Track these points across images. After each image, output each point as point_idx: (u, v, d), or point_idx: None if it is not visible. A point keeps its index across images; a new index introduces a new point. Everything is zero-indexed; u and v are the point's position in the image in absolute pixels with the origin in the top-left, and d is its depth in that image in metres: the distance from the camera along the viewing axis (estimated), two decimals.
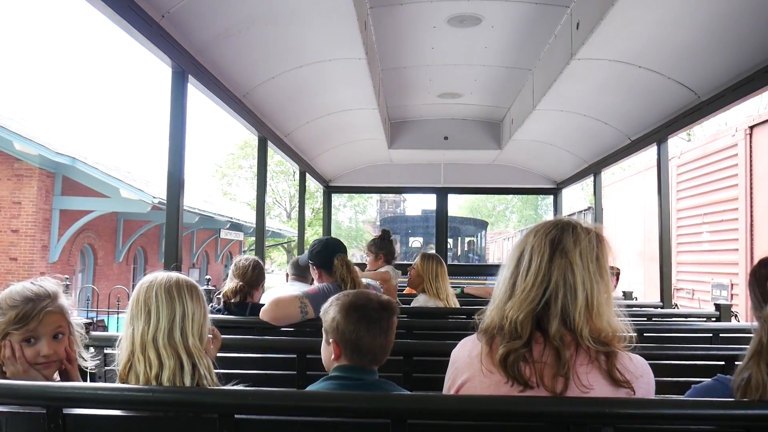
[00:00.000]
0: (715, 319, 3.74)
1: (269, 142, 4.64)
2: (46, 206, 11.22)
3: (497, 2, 3.51)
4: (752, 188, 6.00)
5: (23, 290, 1.55)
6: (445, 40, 4.07)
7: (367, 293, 1.75)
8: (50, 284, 1.60)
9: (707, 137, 7.56)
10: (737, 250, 6.18)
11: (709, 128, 15.97)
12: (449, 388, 1.42)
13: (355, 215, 37.05)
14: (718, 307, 3.78)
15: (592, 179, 6.12)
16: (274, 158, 21.58)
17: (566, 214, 8.61)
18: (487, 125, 6.33)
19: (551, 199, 7.56)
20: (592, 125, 4.83)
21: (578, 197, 29.99)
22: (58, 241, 11.36)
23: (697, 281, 7.21)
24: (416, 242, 18.51)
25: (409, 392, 1.79)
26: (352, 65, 3.70)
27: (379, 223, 33.38)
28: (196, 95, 3.25)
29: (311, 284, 3.22)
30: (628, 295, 5.30)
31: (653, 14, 2.79)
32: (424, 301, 3.91)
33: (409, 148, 6.42)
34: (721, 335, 3.00)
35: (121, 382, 1.48)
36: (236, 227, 18.31)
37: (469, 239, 17.78)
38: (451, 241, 16.25)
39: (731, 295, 6.23)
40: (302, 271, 3.59)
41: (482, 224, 18.91)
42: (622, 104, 4.28)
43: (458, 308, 3.94)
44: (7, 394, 1.35)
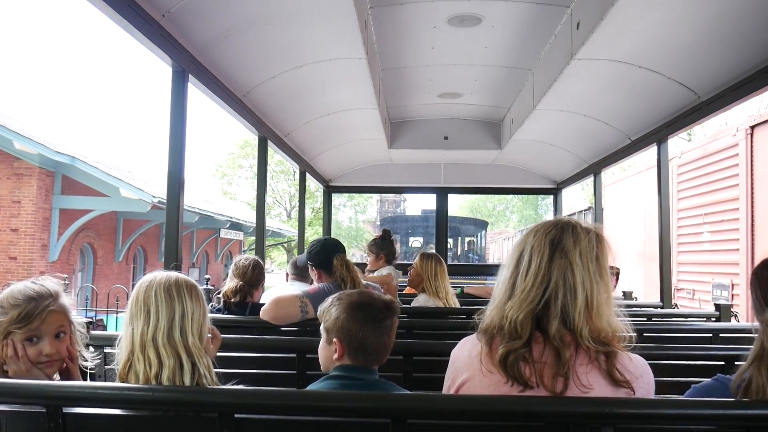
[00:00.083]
0: (715, 319, 3.74)
1: (269, 141, 4.64)
2: (45, 205, 11.22)
3: (497, 2, 3.51)
4: (753, 188, 5.99)
5: (25, 289, 1.55)
6: (445, 39, 4.07)
7: (370, 293, 1.76)
8: (52, 283, 1.61)
9: (708, 137, 7.55)
10: (738, 250, 6.18)
11: (709, 128, 15.97)
12: (449, 387, 1.42)
13: (355, 215, 37.07)
14: (718, 307, 3.78)
15: (592, 179, 6.12)
16: (274, 158, 21.58)
17: (566, 214, 8.61)
18: (487, 125, 6.33)
19: (551, 199, 7.55)
20: (592, 125, 4.83)
21: (578, 197, 30.01)
22: (57, 240, 11.35)
23: (697, 281, 7.20)
24: (416, 242, 18.51)
25: (408, 392, 1.79)
26: (352, 65, 3.70)
27: (379, 222, 33.37)
28: (196, 95, 3.25)
29: (311, 284, 3.22)
30: (627, 295, 5.29)
31: (653, 14, 2.79)
32: (424, 300, 3.92)
33: (409, 147, 6.41)
34: (720, 335, 3.00)
35: (120, 381, 1.49)
36: (236, 227, 18.31)
37: (469, 239, 17.77)
38: (451, 241, 16.25)
39: (732, 295, 6.23)
40: (302, 270, 3.59)
41: (482, 224, 18.91)
42: (622, 104, 4.28)
43: (458, 308, 3.94)
44: (7, 393, 1.35)
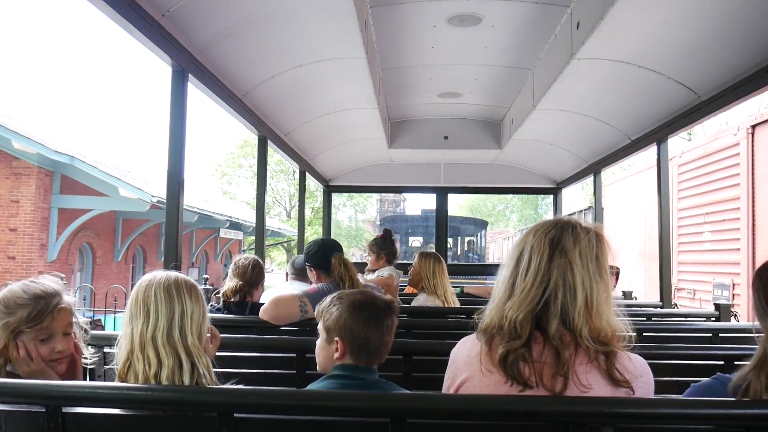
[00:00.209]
0: (714, 318, 3.74)
1: (269, 141, 4.64)
2: (44, 205, 11.21)
3: (497, 2, 3.50)
4: (754, 188, 5.99)
5: (28, 288, 1.54)
6: (445, 39, 4.07)
7: (371, 293, 1.76)
8: (54, 281, 1.60)
9: (709, 136, 7.54)
10: (739, 249, 6.17)
11: (709, 128, 15.96)
12: (448, 387, 1.42)
13: (355, 214, 37.08)
14: (717, 306, 3.78)
15: (591, 179, 6.12)
16: (273, 157, 21.58)
17: (566, 213, 8.60)
18: (487, 125, 6.33)
19: (551, 198, 7.55)
20: (592, 125, 4.83)
21: (578, 197, 30.01)
22: (56, 239, 11.34)
23: (698, 281, 7.20)
24: (416, 242, 18.50)
25: (408, 392, 1.79)
26: (352, 64, 3.69)
27: (379, 222, 33.37)
28: (196, 94, 3.25)
29: (311, 284, 3.22)
30: (627, 294, 5.29)
31: (653, 14, 2.79)
32: (423, 300, 3.92)
33: (409, 147, 6.41)
34: (720, 335, 3.00)
35: (120, 380, 1.48)
36: (236, 226, 18.31)
37: (468, 239, 17.76)
38: (451, 240, 16.24)
39: (733, 295, 6.22)
40: (302, 270, 3.58)
41: (482, 224, 18.90)
42: (622, 104, 4.28)
43: (458, 308, 3.95)
44: (6, 392, 1.35)
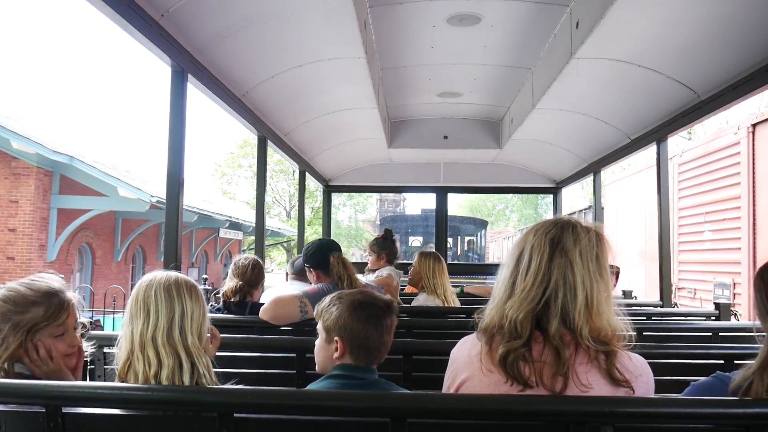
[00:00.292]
0: (714, 318, 3.75)
1: (269, 141, 4.64)
2: (43, 205, 11.20)
3: (497, 1, 3.50)
4: (755, 187, 5.99)
5: (34, 285, 1.51)
6: (444, 39, 4.07)
7: (371, 292, 1.76)
8: (53, 278, 1.59)
9: (709, 135, 7.54)
10: (739, 249, 6.17)
11: (710, 127, 15.96)
12: (448, 387, 1.42)
13: (354, 214, 37.06)
14: (717, 306, 3.78)
15: (591, 178, 6.12)
16: (273, 157, 21.58)
17: (566, 213, 8.60)
18: (486, 124, 6.33)
19: (551, 198, 7.55)
20: (591, 124, 4.83)
21: (578, 196, 30.02)
22: (55, 240, 11.33)
23: (699, 280, 7.20)
24: (416, 241, 18.49)
25: (408, 391, 1.78)
26: (351, 64, 3.69)
27: (379, 222, 33.35)
28: (195, 94, 3.25)
29: (311, 284, 3.22)
30: (627, 294, 5.30)
31: (653, 13, 2.79)
32: (423, 299, 3.92)
33: (408, 147, 6.41)
34: (720, 334, 3.00)
35: (120, 380, 1.48)
36: (235, 226, 18.30)
37: (468, 238, 17.75)
38: (450, 240, 16.23)
39: (733, 294, 6.22)
40: (302, 270, 3.58)
41: (482, 223, 18.88)
42: (621, 103, 4.28)
43: (458, 307, 3.95)
44: (6, 393, 1.34)
